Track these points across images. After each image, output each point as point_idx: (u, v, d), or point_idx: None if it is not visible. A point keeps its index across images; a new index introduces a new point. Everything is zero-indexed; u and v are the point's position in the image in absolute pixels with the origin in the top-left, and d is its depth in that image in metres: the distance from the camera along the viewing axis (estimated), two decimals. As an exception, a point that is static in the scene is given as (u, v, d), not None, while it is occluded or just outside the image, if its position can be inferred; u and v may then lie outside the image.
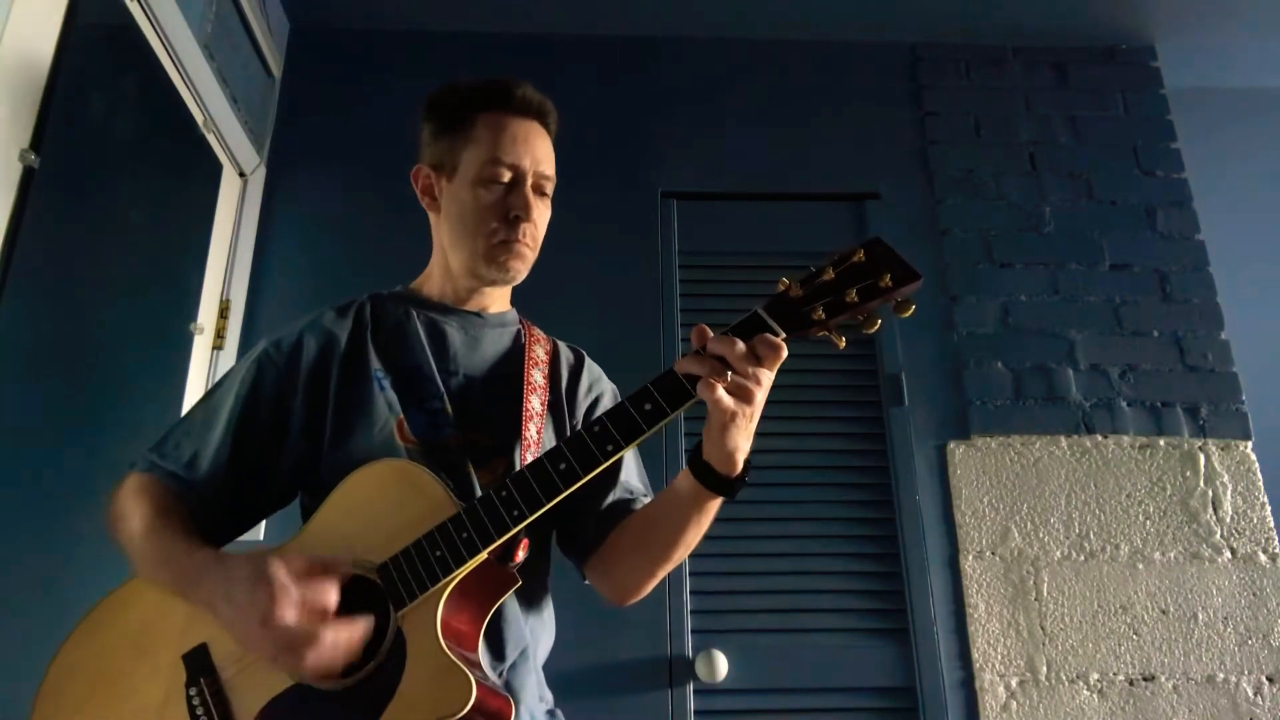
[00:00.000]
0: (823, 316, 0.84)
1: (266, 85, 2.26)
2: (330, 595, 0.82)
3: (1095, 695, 1.84)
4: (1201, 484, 2.03)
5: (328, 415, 1.02)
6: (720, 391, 0.82)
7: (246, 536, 1.08)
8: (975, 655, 1.86)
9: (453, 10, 2.39)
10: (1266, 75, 2.62)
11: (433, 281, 1.16)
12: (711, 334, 0.85)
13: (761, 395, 0.85)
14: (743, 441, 0.88)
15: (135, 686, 0.92)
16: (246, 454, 1.01)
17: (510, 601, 0.98)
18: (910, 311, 0.84)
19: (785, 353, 0.83)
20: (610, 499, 1.09)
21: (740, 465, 0.90)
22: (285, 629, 0.79)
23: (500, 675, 0.97)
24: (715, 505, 0.96)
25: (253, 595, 0.81)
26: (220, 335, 2.05)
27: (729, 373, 0.83)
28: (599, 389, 1.19)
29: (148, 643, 0.93)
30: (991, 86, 2.46)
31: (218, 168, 2.11)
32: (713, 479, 0.91)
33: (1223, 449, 2.06)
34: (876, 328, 0.85)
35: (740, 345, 0.82)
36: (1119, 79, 2.47)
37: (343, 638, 0.81)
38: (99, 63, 1.61)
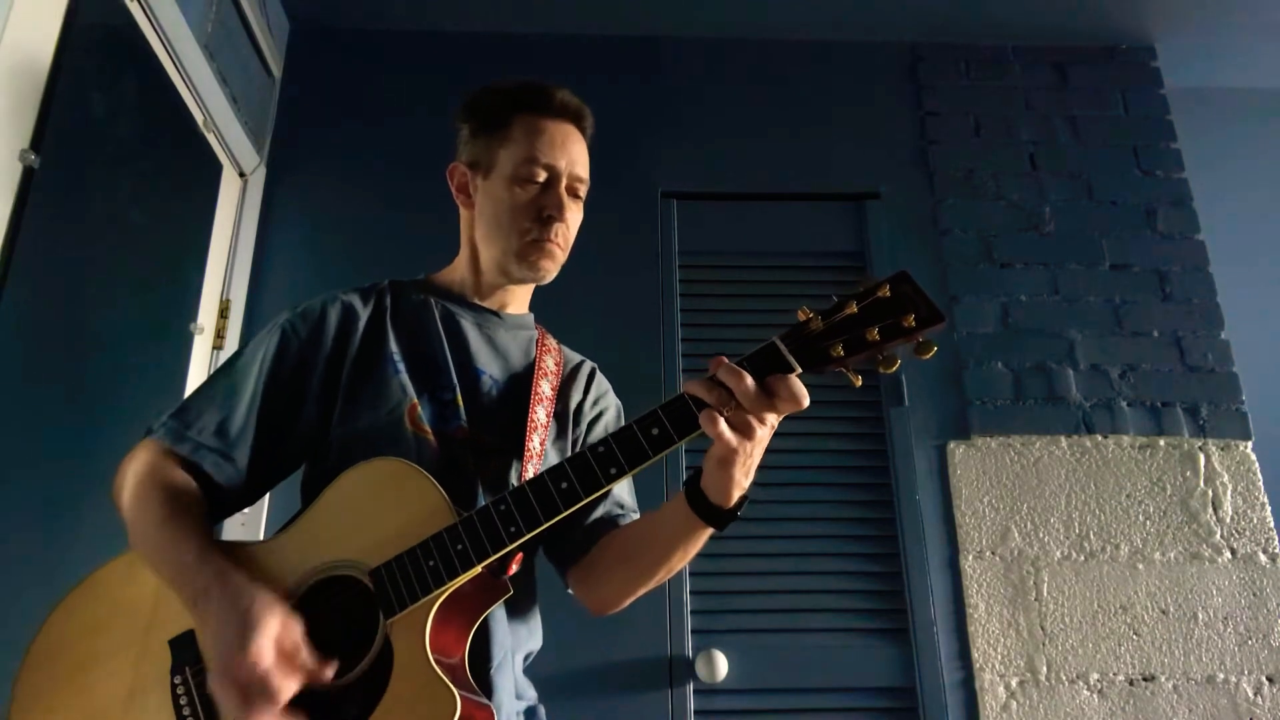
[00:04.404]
0: (841, 354, 0.80)
1: (266, 85, 2.26)
2: (289, 687, 0.79)
3: (1095, 695, 1.84)
4: (1201, 484, 2.02)
5: (339, 390, 1.02)
6: (722, 425, 0.80)
7: (246, 537, 1.08)
8: (975, 655, 1.86)
9: (453, 10, 2.38)
10: (1266, 75, 2.62)
11: (456, 274, 1.17)
12: (726, 362, 0.81)
13: (764, 433, 0.83)
14: (741, 476, 0.86)
15: (119, 667, 0.90)
16: (269, 425, 1.01)
17: (498, 609, 0.97)
18: (931, 353, 0.80)
19: (806, 403, 0.79)
20: (599, 512, 1.09)
21: (735, 499, 0.89)
22: (243, 684, 0.78)
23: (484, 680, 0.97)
24: (705, 535, 0.95)
25: (237, 637, 0.79)
26: (220, 335, 2.05)
27: (734, 405, 0.80)
28: (604, 404, 1.19)
29: (135, 623, 0.92)
30: (991, 86, 2.46)
31: (218, 168, 2.11)
32: (706, 509, 0.90)
33: (1223, 449, 2.06)
34: (895, 368, 0.82)
35: (748, 380, 0.79)
36: (1119, 79, 2.47)
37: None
38: (99, 63, 1.61)
